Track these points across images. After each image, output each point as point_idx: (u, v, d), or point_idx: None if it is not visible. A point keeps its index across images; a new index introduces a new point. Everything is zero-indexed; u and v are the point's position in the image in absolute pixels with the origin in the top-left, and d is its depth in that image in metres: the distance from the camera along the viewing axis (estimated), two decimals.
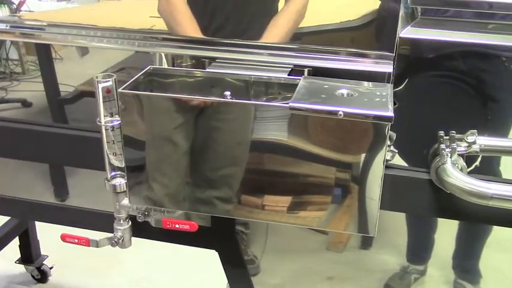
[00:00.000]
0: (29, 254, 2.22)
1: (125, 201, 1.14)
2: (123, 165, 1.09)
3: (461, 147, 1.03)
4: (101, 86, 1.03)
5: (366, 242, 1.29)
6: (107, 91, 1.03)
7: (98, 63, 1.27)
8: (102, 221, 1.26)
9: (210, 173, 1.08)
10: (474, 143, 1.03)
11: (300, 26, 1.08)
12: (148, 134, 1.07)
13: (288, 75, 1.07)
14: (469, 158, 1.05)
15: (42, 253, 2.27)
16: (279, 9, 1.10)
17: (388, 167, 1.08)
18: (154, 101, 1.04)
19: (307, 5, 1.07)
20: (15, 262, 2.24)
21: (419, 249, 1.30)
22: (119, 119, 1.06)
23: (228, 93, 1.02)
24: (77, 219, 1.42)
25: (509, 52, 1.01)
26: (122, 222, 1.19)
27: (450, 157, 1.02)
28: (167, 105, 1.04)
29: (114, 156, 1.09)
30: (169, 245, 1.35)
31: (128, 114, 1.04)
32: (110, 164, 1.11)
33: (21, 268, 2.28)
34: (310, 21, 1.08)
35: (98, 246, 1.21)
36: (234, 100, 1.00)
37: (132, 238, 1.22)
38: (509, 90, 1.05)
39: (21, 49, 1.39)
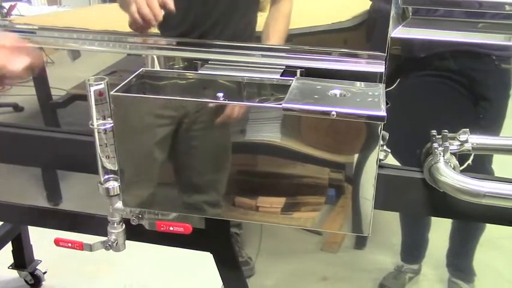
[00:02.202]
0: (22, 259, 2.20)
1: (119, 204, 1.14)
2: (116, 168, 1.09)
3: (454, 146, 1.04)
4: (93, 89, 1.02)
5: (360, 242, 1.29)
6: (99, 94, 1.03)
7: (89, 67, 1.26)
8: (96, 225, 1.25)
9: (195, 179, 1.08)
10: (466, 141, 1.03)
11: (292, 27, 1.08)
12: (137, 137, 1.06)
13: (281, 76, 1.07)
14: (461, 157, 1.05)
15: (35, 258, 2.26)
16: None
17: (381, 166, 1.08)
18: (144, 104, 1.04)
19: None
20: (8, 267, 2.23)
21: (413, 248, 1.30)
22: (111, 121, 1.05)
23: (221, 94, 1.02)
24: (71, 223, 1.41)
25: (500, 51, 1.02)
26: (115, 225, 1.18)
27: (443, 156, 1.02)
28: (155, 108, 1.03)
29: (107, 159, 1.09)
30: (163, 248, 1.35)
31: (120, 117, 1.04)
32: (103, 167, 1.10)
33: (15, 273, 2.26)
34: (302, 22, 1.09)
35: (91, 250, 1.20)
36: (226, 101, 1.00)
37: (126, 241, 1.22)
38: (500, 89, 1.05)
39: None
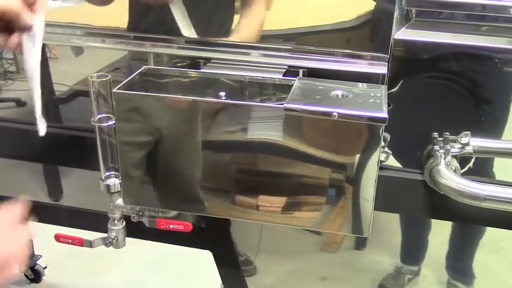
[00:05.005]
0: None
1: (119, 201, 1.14)
2: (117, 165, 1.09)
3: (455, 148, 1.04)
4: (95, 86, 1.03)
5: (360, 243, 1.29)
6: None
7: (92, 63, 1.26)
8: (96, 221, 1.25)
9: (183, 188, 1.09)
10: (468, 144, 1.03)
11: (295, 26, 1.09)
12: (138, 135, 1.07)
13: (283, 76, 1.07)
14: (462, 160, 1.05)
15: (35, 253, 2.26)
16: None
17: (382, 168, 1.08)
18: (146, 102, 1.04)
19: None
20: None
21: (413, 249, 1.30)
22: (113, 118, 1.06)
23: (223, 93, 1.02)
24: (71, 219, 1.41)
25: (503, 54, 1.01)
26: (116, 222, 1.18)
27: (444, 158, 1.02)
28: (155, 107, 1.04)
29: (108, 156, 1.09)
30: (164, 246, 1.35)
31: (121, 114, 1.04)
32: (104, 164, 1.11)
33: None
34: (305, 22, 1.09)
35: (91, 247, 1.20)
36: (228, 101, 1.00)
37: (127, 238, 1.22)
38: (502, 92, 1.05)
39: None
